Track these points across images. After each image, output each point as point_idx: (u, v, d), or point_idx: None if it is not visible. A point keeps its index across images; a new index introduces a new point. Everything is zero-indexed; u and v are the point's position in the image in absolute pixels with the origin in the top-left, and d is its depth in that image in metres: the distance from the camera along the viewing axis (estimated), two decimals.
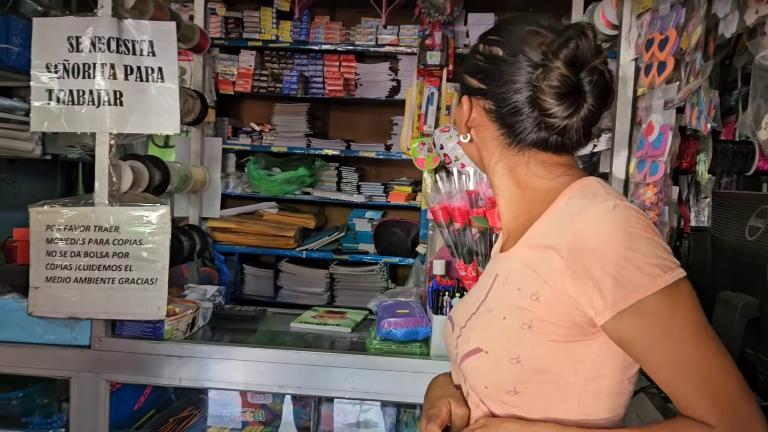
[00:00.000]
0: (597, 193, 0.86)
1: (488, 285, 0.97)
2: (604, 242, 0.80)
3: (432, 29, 3.51)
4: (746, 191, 1.80)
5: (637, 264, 0.79)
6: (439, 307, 1.78)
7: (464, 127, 1.00)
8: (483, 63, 0.96)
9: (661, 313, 0.79)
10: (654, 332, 0.79)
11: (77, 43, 1.76)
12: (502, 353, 0.88)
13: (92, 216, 1.77)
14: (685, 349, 0.78)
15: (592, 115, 0.89)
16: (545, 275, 0.85)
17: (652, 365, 0.81)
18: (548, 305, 0.85)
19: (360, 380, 1.75)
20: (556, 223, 0.87)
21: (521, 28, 0.94)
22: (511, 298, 0.90)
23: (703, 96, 1.28)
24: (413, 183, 4.01)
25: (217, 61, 3.96)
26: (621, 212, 0.82)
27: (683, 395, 0.79)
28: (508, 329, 0.88)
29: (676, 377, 0.79)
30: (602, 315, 0.81)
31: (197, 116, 2.34)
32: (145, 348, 1.81)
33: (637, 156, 1.53)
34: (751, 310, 1.19)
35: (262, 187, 3.93)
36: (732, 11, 1.13)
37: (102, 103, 1.76)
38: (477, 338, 0.92)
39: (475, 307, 0.98)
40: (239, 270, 4.04)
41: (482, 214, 1.76)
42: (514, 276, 0.91)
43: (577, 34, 0.87)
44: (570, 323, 0.84)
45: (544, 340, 0.85)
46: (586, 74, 0.87)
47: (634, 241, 0.80)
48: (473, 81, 0.98)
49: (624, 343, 0.82)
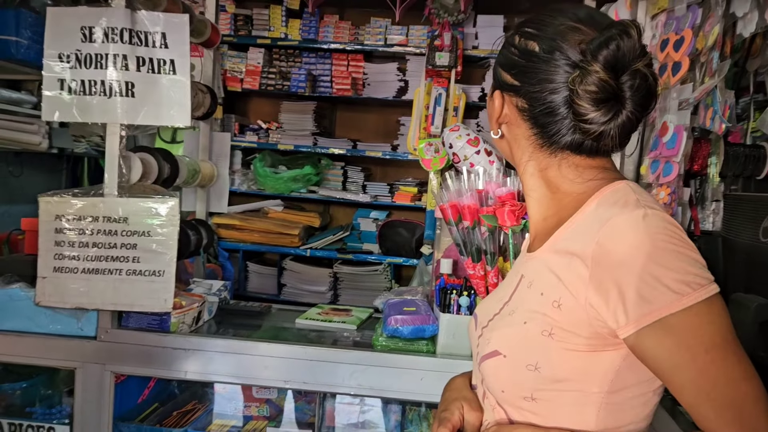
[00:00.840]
0: (628, 200, 0.82)
1: (513, 285, 0.95)
2: (631, 255, 0.76)
3: (441, 30, 3.52)
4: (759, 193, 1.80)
5: (664, 280, 0.75)
6: (446, 305, 1.77)
7: (495, 123, 0.96)
8: (518, 57, 0.91)
9: (686, 332, 0.75)
10: (678, 351, 0.75)
11: (90, 33, 1.76)
12: (520, 359, 0.86)
13: (101, 206, 1.77)
14: (709, 372, 0.75)
15: (630, 122, 0.84)
16: (568, 283, 0.82)
17: (674, 385, 0.78)
18: (569, 314, 0.82)
19: (366, 377, 1.74)
20: (583, 229, 0.83)
21: (560, 22, 0.88)
22: (534, 302, 0.87)
23: (718, 96, 1.27)
24: (419, 184, 4.01)
25: (225, 58, 3.97)
26: (651, 222, 0.77)
27: (706, 419, 0.76)
28: (528, 335, 0.85)
29: (699, 400, 0.76)
30: (625, 329, 0.77)
31: (207, 111, 2.34)
32: (151, 340, 1.81)
33: (651, 157, 1.53)
34: (765, 312, 1.18)
35: (267, 185, 3.93)
36: (751, 10, 1.13)
37: (113, 94, 1.76)
38: (497, 340, 0.90)
39: (499, 307, 0.95)
40: (243, 267, 4.04)
41: (492, 213, 1.75)
42: (539, 280, 0.88)
43: (619, 33, 0.81)
44: (591, 333, 0.81)
45: (564, 349, 0.83)
46: (627, 78, 0.82)
47: (663, 255, 0.76)
48: (507, 76, 0.93)
49: (646, 359, 0.79)
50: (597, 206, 0.84)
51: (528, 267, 0.93)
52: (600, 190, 0.86)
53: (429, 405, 1.93)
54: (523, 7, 3.76)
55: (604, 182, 0.88)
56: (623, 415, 0.85)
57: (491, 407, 0.94)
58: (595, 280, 0.79)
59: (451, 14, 3.49)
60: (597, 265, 0.79)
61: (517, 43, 0.92)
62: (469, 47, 3.75)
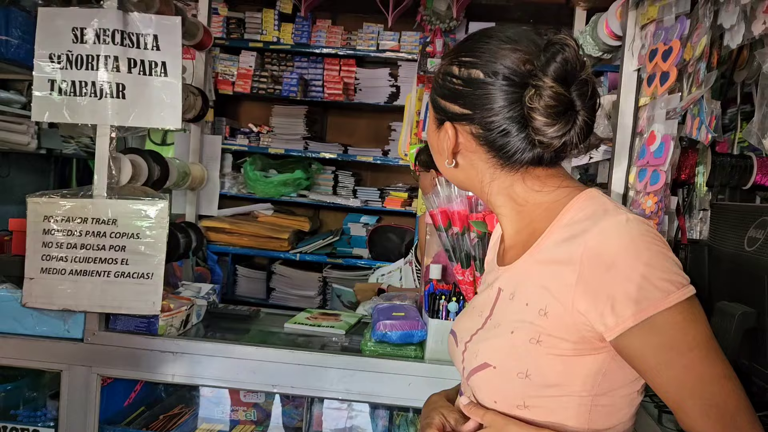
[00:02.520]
0: (607, 207, 0.85)
1: (492, 300, 0.96)
2: (619, 257, 0.78)
3: (433, 37, 3.53)
4: (744, 203, 1.82)
5: (651, 279, 0.77)
6: (435, 311, 1.78)
7: (450, 154, 0.95)
8: (462, 87, 0.91)
9: (672, 330, 0.77)
10: (663, 349, 0.78)
11: (82, 34, 1.75)
12: (510, 368, 0.87)
13: (90, 208, 1.76)
14: (694, 369, 0.77)
15: (588, 127, 0.87)
16: (555, 290, 0.84)
17: (659, 383, 0.80)
18: (556, 320, 0.83)
19: (354, 381, 1.74)
20: (566, 237, 0.85)
21: (495, 45, 0.89)
22: (519, 312, 0.88)
23: (705, 106, 1.29)
24: (409, 189, 4.02)
25: (217, 61, 3.97)
26: (634, 226, 0.81)
27: (689, 416, 0.78)
28: (516, 344, 0.87)
29: (684, 397, 0.78)
30: (613, 330, 0.79)
31: (198, 113, 2.33)
32: (138, 343, 1.80)
33: (638, 165, 1.54)
34: (749, 320, 1.19)
35: (257, 189, 3.93)
36: (738, 22, 1.15)
37: (104, 95, 1.76)
38: (485, 353, 0.91)
39: (480, 322, 0.96)
40: (232, 271, 4.03)
41: (481, 219, 1.76)
42: (521, 291, 0.90)
43: (562, 47, 0.84)
44: (578, 338, 0.83)
45: (552, 354, 0.84)
46: (576, 88, 0.85)
47: (648, 255, 0.78)
48: (454, 107, 0.93)
49: (633, 359, 0.81)
50: (575, 214, 0.87)
51: (505, 280, 0.95)
52: (574, 198, 0.89)
53: (416, 410, 1.93)
54: (515, 15, 3.80)
55: (573, 190, 0.91)
56: (612, 416, 0.87)
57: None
58: (583, 285, 0.80)
59: (443, 21, 3.51)
60: (585, 270, 0.80)
61: (458, 74, 0.92)
62: None
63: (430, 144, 1.02)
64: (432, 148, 1.01)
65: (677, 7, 1.43)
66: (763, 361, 1.20)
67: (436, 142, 0.99)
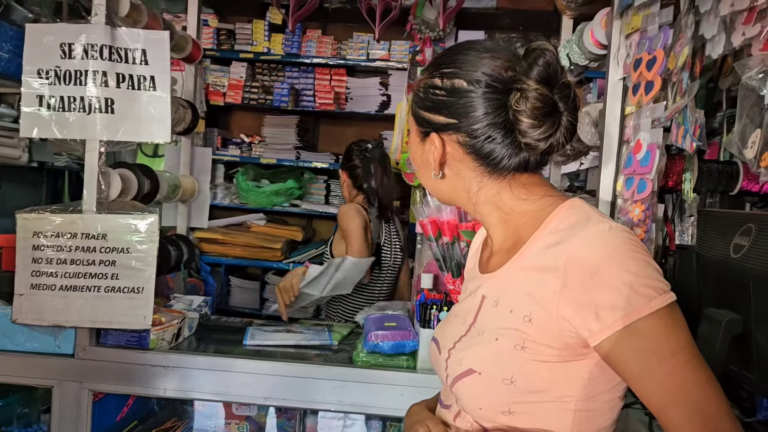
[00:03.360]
0: (589, 216, 0.87)
1: (475, 307, 0.97)
2: (603, 265, 0.80)
3: (423, 45, 3.54)
4: (731, 210, 1.83)
5: (634, 286, 0.79)
6: (426, 320, 1.78)
7: (437, 165, 0.96)
8: (446, 97, 0.92)
9: (654, 336, 0.79)
10: (647, 355, 0.79)
11: (70, 49, 1.75)
12: (495, 374, 0.88)
13: (80, 223, 1.76)
14: (676, 374, 0.79)
15: (572, 127, 0.90)
16: (539, 297, 0.85)
17: (643, 389, 0.81)
18: (541, 326, 0.85)
19: (346, 393, 1.74)
20: (550, 244, 0.86)
21: (474, 55, 0.92)
22: (503, 319, 0.89)
23: (689, 115, 1.30)
24: (401, 197, 4.02)
25: (208, 72, 3.97)
26: (616, 234, 0.82)
27: (672, 422, 0.79)
28: (501, 350, 0.88)
29: (667, 403, 0.79)
30: (597, 336, 0.81)
31: (188, 126, 2.34)
32: (129, 357, 1.79)
33: (625, 173, 1.55)
34: (736, 327, 1.20)
35: (250, 199, 3.93)
36: (719, 33, 1.16)
37: (93, 110, 1.76)
38: (469, 359, 0.92)
39: (464, 329, 0.97)
40: (225, 281, 4.02)
41: (471, 228, 1.77)
42: (505, 298, 0.91)
43: (542, 51, 0.88)
44: (562, 344, 0.84)
45: (537, 361, 0.85)
46: (558, 90, 0.88)
47: (630, 262, 0.80)
48: (439, 118, 0.94)
49: (617, 365, 0.82)
50: (559, 222, 0.88)
51: (489, 287, 0.96)
52: (558, 207, 0.91)
53: None
54: (504, 22, 3.82)
55: (557, 199, 0.93)
56: (595, 421, 0.89)
57: (469, 424, 0.95)
58: (567, 292, 0.82)
59: (432, 30, 3.53)
60: (569, 276, 0.82)
61: (441, 85, 0.94)
62: None
63: (413, 160, 1.03)
64: (416, 162, 1.02)
65: (660, 17, 1.45)
66: (750, 367, 1.21)
67: (420, 156, 1.00)
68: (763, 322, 1.16)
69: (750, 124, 0.97)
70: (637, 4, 1.53)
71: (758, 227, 1.20)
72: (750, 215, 1.35)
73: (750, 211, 1.89)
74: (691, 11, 1.28)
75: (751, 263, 1.20)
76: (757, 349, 1.17)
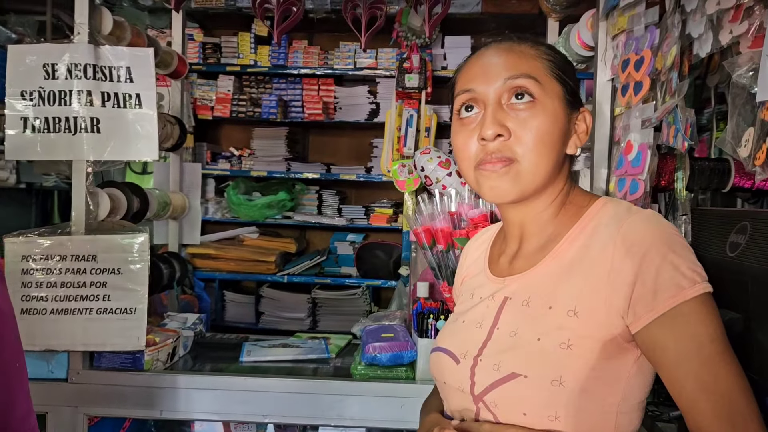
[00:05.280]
0: (630, 206, 0.89)
1: (494, 310, 0.94)
2: (653, 246, 0.80)
3: (410, 52, 3.55)
4: (725, 207, 1.83)
5: (681, 268, 0.79)
6: (423, 330, 1.76)
7: (584, 139, 0.95)
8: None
9: (695, 320, 0.79)
10: (685, 339, 0.79)
11: (53, 70, 1.74)
12: (543, 375, 0.84)
13: (69, 245, 1.73)
14: (712, 363, 0.78)
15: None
16: (585, 287, 0.85)
17: (677, 378, 0.80)
18: (587, 318, 0.84)
19: (345, 407, 1.72)
20: (593, 234, 0.87)
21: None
22: (542, 318, 0.87)
23: (679, 115, 1.29)
24: (394, 205, 4.01)
25: (195, 87, 3.95)
26: (661, 219, 0.84)
27: (702, 414, 0.78)
28: (545, 350, 0.85)
29: (698, 395, 0.78)
30: (642, 319, 0.80)
31: (176, 142, 2.32)
32: (124, 380, 1.76)
33: (617, 174, 1.55)
34: (735, 326, 1.19)
35: (241, 212, 3.90)
36: (706, 31, 1.15)
37: (79, 130, 1.74)
38: (510, 363, 0.87)
39: (484, 333, 0.93)
40: (220, 296, 3.99)
41: (465, 236, 1.76)
42: (541, 296, 0.89)
43: None
44: (607, 335, 0.83)
45: (584, 359, 0.83)
46: None
47: (678, 246, 0.81)
48: (578, 94, 0.95)
49: (654, 350, 0.81)
50: (601, 214, 0.89)
51: (515, 288, 0.94)
52: (597, 201, 0.92)
53: None
54: (490, 26, 3.82)
55: (592, 195, 0.95)
56: (632, 423, 0.88)
57: None
58: (615, 276, 0.82)
59: (418, 36, 3.53)
60: (617, 261, 0.82)
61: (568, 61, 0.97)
62: (438, 68, 3.79)
63: (551, 138, 0.89)
64: (541, 129, 0.88)
65: (646, 18, 1.45)
66: (751, 367, 1.20)
67: (552, 125, 0.89)
68: (762, 321, 1.15)
69: (742, 122, 0.97)
70: (622, 5, 1.53)
71: (753, 225, 1.20)
72: (745, 213, 1.35)
73: (744, 209, 1.89)
74: (677, 10, 1.27)
75: (748, 261, 1.19)
76: (758, 347, 1.16)
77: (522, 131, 0.87)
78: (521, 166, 0.88)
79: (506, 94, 0.89)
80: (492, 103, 0.89)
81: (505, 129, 0.87)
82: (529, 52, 0.92)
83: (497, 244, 1.07)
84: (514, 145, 0.87)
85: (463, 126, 0.93)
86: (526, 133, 0.87)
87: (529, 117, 0.87)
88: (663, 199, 2.06)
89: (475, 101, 0.92)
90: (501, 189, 0.89)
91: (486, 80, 0.90)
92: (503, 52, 0.92)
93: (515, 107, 0.88)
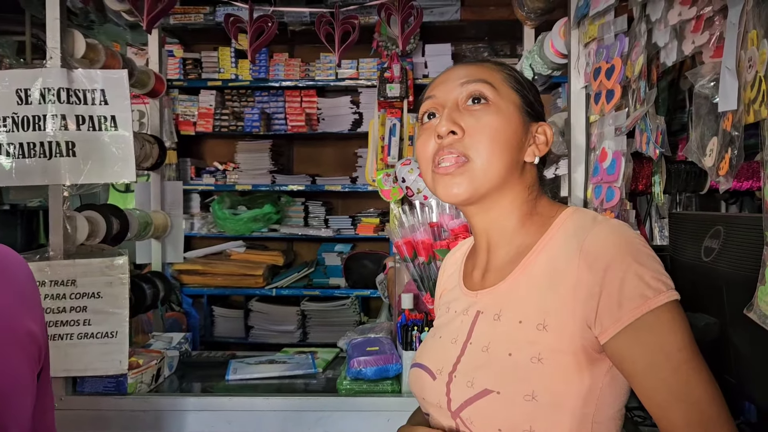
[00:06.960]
0: (595, 216, 0.89)
1: (467, 324, 0.94)
2: (616, 258, 0.81)
3: (390, 62, 3.56)
4: (701, 212, 1.84)
5: (645, 278, 0.79)
6: (408, 342, 1.76)
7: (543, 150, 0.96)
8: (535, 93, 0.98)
9: (662, 329, 0.79)
10: (654, 349, 0.79)
11: (26, 95, 1.73)
12: (515, 391, 0.84)
13: (47, 270, 1.72)
14: (681, 371, 0.78)
15: None
16: (553, 301, 0.85)
17: (647, 387, 0.80)
18: (557, 331, 0.84)
19: (332, 423, 1.72)
20: (560, 246, 0.87)
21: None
22: (513, 332, 0.87)
23: (649, 122, 1.30)
24: (380, 214, 4.01)
25: (176, 103, 3.94)
26: (625, 229, 0.85)
27: (673, 422, 0.79)
28: (517, 365, 0.85)
29: (670, 403, 0.79)
30: (609, 330, 0.81)
31: (155, 161, 2.31)
32: (108, 404, 1.75)
33: (593, 182, 1.55)
34: (711, 331, 1.20)
35: (227, 227, 3.89)
36: (671, 40, 1.16)
37: (54, 155, 1.73)
38: (483, 379, 0.87)
39: (458, 349, 0.93)
40: (208, 312, 3.96)
41: (446, 247, 1.76)
42: (511, 309, 0.89)
43: None
44: (577, 347, 0.83)
45: (556, 372, 0.83)
46: None
47: (642, 256, 0.81)
48: (540, 109, 0.98)
49: (624, 361, 0.82)
50: (567, 225, 0.90)
51: (486, 302, 0.94)
52: (564, 212, 0.93)
53: None
54: (468, 35, 3.84)
55: (560, 205, 0.95)
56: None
57: None
58: (581, 289, 0.82)
59: (398, 46, 3.54)
60: (583, 274, 0.83)
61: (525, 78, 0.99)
62: (419, 76, 3.80)
63: (503, 136, 0.91)
64: (500, 135, 0.91)
65: (615, 26, 1.46)
66: (728, 371, 1.20)
67: (510, 131, 0.92)
68: (738, 325, 1.16)
69: (707, 131, 0.97)
70: (592, 14, 1.54)
71: (726, 229, 1.20)
72: (718, 217, 1.35)
73: (718, 213, 1.90)
74: (642, 20, 1.28)
75: (722, 266, 1.20)
76: (735, 352, 1.17)
77: (474, 129, 0.91)
78: (474, 165, 0.90)
79: (463, 97, 0.94)
80: (449, 105, 0.94)
81: (458, 127, 0.91)
82: (491, 66, 0.98)
83: (471, 257, 1.07)
84: (467, 142, 0.91)
85: (424, 131, 0.97)
86: (479, 130, 0.91)
87: (482, 114, 0.92)
88: (644, 202, 2.07)
89: (435, 108, 0.96)
90: (454, 187, 0.91)
91: (446, 87, 0.96)
92: (466, 65, 0.99)
93: (470, 109, 0.93)
